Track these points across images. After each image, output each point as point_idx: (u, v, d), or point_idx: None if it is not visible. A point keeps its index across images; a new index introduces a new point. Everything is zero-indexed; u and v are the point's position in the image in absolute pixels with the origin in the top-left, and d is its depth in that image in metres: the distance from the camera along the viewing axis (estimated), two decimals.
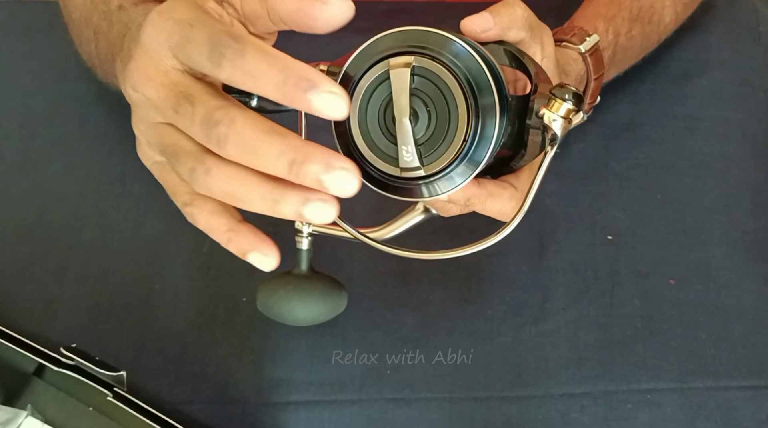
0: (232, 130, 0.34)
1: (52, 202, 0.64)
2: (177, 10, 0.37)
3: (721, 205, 0.62)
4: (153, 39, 0.37)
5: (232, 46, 0.34)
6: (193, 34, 0.36)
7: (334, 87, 0.33)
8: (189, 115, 0.36)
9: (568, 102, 0.39)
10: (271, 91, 0.33)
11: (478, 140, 0.37)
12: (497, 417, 0.55)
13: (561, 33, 0.56)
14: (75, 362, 0.51)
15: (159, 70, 0.37)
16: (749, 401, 0.55)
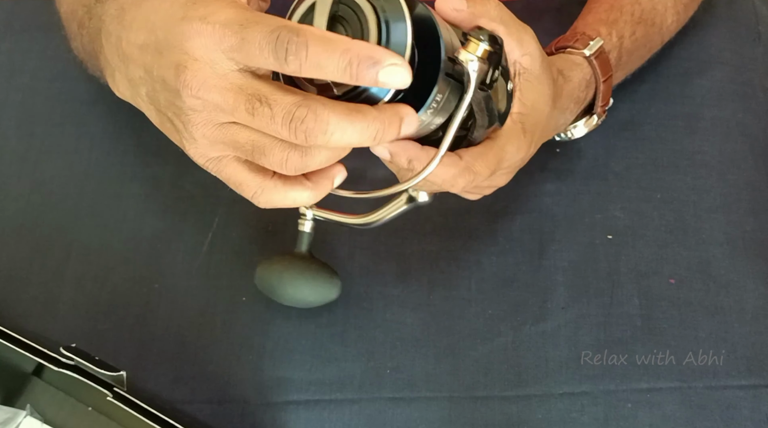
0: (318, 124, 0.36)
1: (52, 202, 0.64)
2: (218, 12, 0.38)
3: (721, 205, 0.62)
4: (202, 46, 0.38)
5: (294, 40, 0.35)
6: (249, 34, 0.36)
7: (395, 58, 0.35)
8: (267, 116, 0.37)
9: (484, 42, 0.41)
10: (338, 75, 0.36)
11: None
12: (497, 417, 0.55)
13: (564, 40, 0.57)
14: (75, 362, 0.51)
15: (217, 74, 0.38)
16: (749, 400, 0.55)
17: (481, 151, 0.47)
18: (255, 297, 0.59)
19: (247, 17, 0.37)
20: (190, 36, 0.38)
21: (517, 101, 0.48)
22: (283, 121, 0.37)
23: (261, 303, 0.59)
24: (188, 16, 0.38)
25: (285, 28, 0.36)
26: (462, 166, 0.46)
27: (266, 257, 0.55)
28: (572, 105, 0.56)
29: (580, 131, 0.60)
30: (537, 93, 0.48)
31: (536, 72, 0.48)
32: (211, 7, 0.38)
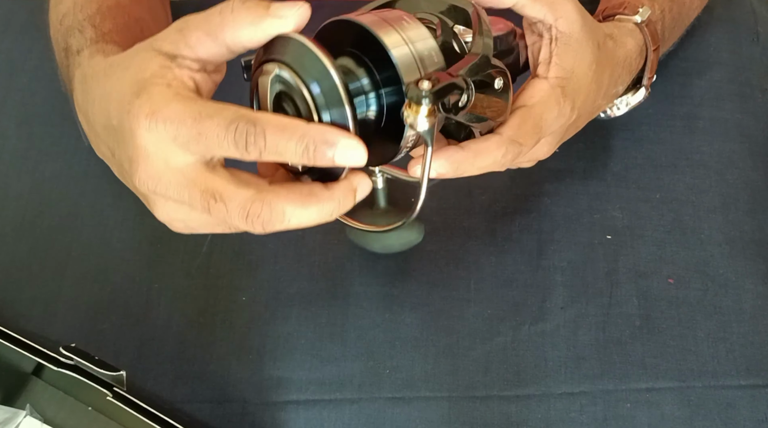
0: (274, 215, 0.37)
1: (51, 202, 0.64)
2: (166, 108, 0.38)
3: (720, 205, 0.62)
4: (153, 142, 0.38)
5: (252, 131, 0.36)
6: (205, 128, 0.37)
7: (350, 140, 0.36)
8: (223, 211, 0.38)
9: (425, 101, 0.37)
10: (296, 159, 0.37)
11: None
12: (496, 417, 0.55)
13: (610, 8, 0.55)
14: (74, 362, 0.51)
15: (170, 169, 0.38)
16: (748, 400, 0.55)
17: (520, 122, 0.45)
18: (255, 297, 0.59)
19: (199, 111, 0.37)
20: (140, 133, 0.38)
21: (555, 66, 0.47)
22: (239, 216, 0.37)
23: (261, 303, 0.59)
24: (134, 112, 0.38)
25: (242, 119, 0.36)
26: (504, 140, 0.45)
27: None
28: (625, 74, 0.55)
29: (623, 107, 0.59)
30: (577, 57, 0.47)
31: (576, 35, 0.47)
32: (158, 102, 0.38)
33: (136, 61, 0.40)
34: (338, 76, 0.37)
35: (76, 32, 0.53)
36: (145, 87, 0.39)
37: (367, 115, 0.41)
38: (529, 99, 0.47)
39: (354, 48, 0.41)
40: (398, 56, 0.40)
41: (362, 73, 0.40)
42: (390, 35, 0.40)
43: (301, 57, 0.38)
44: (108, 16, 0.54)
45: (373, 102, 0.40)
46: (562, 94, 0.47)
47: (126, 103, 0.39)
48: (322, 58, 0.37)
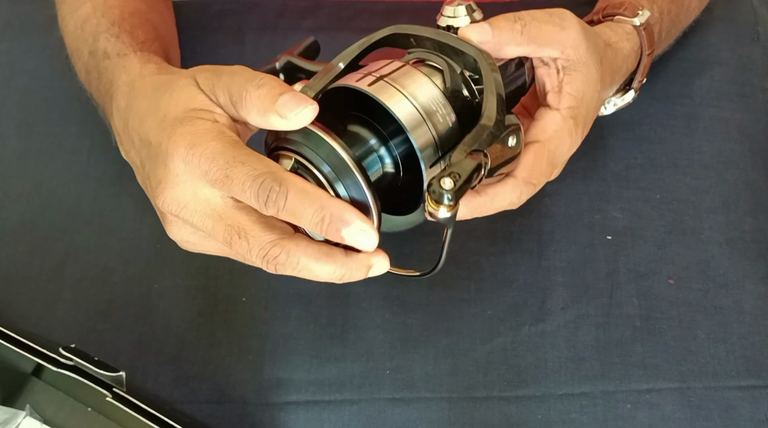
0: (289, 262, 0.39)
1: (51, 202, 0.64)
2: (205, 144, 0.39)
3: (720, 205, 0.62)
4: (186, 173, 0.39)
5: (275, 189, 0.37)
6: (234, 173, 0.38)
7: (364, 225, 0.38)
8: (245, 249, 0.40)
9: (447, 199, 0.39)
10: (310, 226, 0.38)
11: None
12: (496, 417, 0.55)
13: (611, 7, 0.55)
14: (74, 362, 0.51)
15: (198, 199, 0.40)
16: (748, 401, 0.55)
17: (533, 162, 0.46)
18: (255, 297, 0.59)
19: (234, 155, 0.38)
20: (175, 161, 0.39)
21: (566, 95, 0.47)
22: (258, 256, 0.39)
23: (261, 303, 0.59)
24: (175, 139, 0.40)
25: (270, 175, 0.38)
26: (519, 182, 0.46)
27: None
28: (621, 78, 0.55)
29: (611, 108, 0.59)
30: (585, 80, 0.47)
31: (582, 58, 0.47)
32: (200, 137, 0.39)
33: (186, 89, 0.42)
34: (343, 150, 0.39)
35: (109, 37, 0.54)
36: (191, 117, 0.40)
37: (385, 170, 0.42)
38: (542, 133, 0.47)
39: (355, 110, 0.42)
40: (398, 110, 0.41)
41: (367, 133, 0.42)
42: (384, 90, 0.41)
43: (307, 140, 0.39)
44: (136, 25, 0.56)
45: (386, 156, 0.42)
46: (574, 124, 0.47)
47: (169, 126, 0.40)
48: (325, 137, 0.39)
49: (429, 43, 0.44)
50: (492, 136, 0.41)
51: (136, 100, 0.46)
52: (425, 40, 0.44)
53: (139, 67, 0.50)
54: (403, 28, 0.44)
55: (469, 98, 0.43)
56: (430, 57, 0.44)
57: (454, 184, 0.39)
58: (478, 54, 0.43)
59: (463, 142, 0.41)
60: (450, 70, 0.43)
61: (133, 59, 0.51)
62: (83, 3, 0.58)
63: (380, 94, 0.41)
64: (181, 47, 0.67)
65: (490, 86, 0.42)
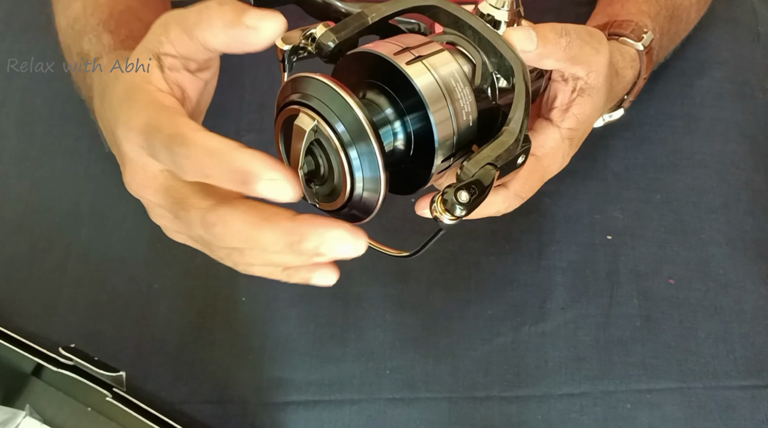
0: (228, 230, 0.36)
1: (51, 202, 0.64)
2: (133, 117, 0.38)
3: (720, 205, 0.62)
4: (130, 150, 0.38)
5: (180, 152, 0.35)
6: (153, 141, 0.37)
7: (275, 173, 0.33)
8: (187, 220, 0.37)
9: (459, 210, 0.38)
10: (224, 184, 0.35)
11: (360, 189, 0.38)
12: (496, 417, 0.55)
13: (617, 26, 0.55)
14: (74, 362, 0.51)
15: (148, 175, 0.39)
16: (748, 401, 0.55)
17: (527, 177, 0.46)
18: (255, 297, 0.59)
19: (152, 120, 0.37)
20: (120, 141, 0.39)
21: (572, 117, 0.47)
22: (200, 225, 0.37)
23: (261, 303, 0.59)
24: (120, 121, 0.39)
25: (177, 138, 0.35)
26: (511, 195, 0.46)
27: None
28: (613, 102, 0.56)
29: (600, 122, 0.59)
30: (593, 106, 0.47)
31: (599, 85, 0.47)
32: (133, 110, 0.38)
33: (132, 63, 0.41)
34: (362, 112, 0.36)
35: (92, 38, 0.54)
36: (133, 91, 0.39)
37: (396, 145, 0.40)
38: (539, 149, 0.47)
39: (376, 79, 0.40)
40: (422, 85, 0.39)
41: (385, 103, 0.40)
42: (411, 63, 0.39)
43: (324, 97, 0.37)
44: (122, 23, 0.55)
45: (400, 131, 0.40)
46: (569, 145, 0.47)
47: (116, 109, 0.40)
48: (345, 96, 0.36)
49: (470, 31, 0.42)
50: (510, 152, 0.40)
51: (105, 96, 0.45)
52: (467, 27, 0.42)
53: (107, 66, 0.49)
54: (450, 6, 0.42)
55: (490, 98, 0.43)
56: (467, 47, 0.42)
57: (470, 197, 0.37)
58: (518, 65, 0.41)
59: (482, 151, 0.39)
60: (483, 67, 0.42)
61: (104, 61, 0.50)
62: (75, 1, 0.57)
63: (407, 66, 0.39)
64: None
65: (520, 101, 0.41)
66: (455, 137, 0.40)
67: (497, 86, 0.42)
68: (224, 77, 0.43)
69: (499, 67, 0.42)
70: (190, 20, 0.38)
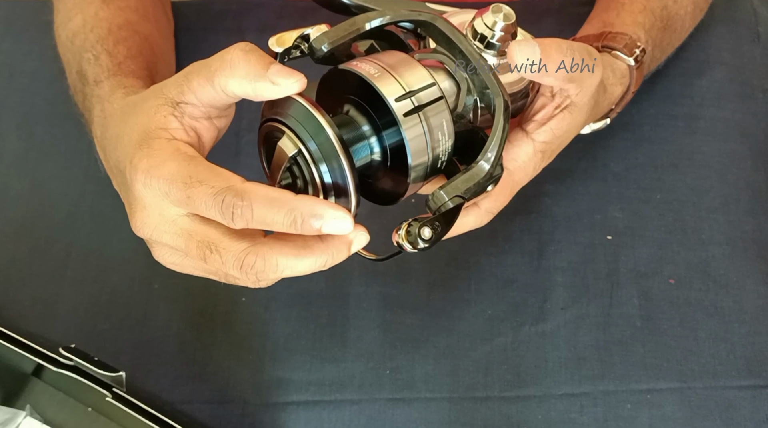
0: (268, 267, 0.38)
1: (51, 202, 0.64)
2: (161, 166, 0.39)
3: (721, 205, 0.62)
4: (148, 196, 0.39)
5: (238, 204, 0.37)
6: (194, 194, 0.37)
7: (337, 212, 0.37)
8: (219, 262, 0.39)
9: (420, 244, 0.40)
10: (285, 229, 0.37)
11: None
12: (496, 417, 0.55)
13: (610, 39, 0.55)
14: (74, 362, 0.51)
15: (165, 220, 0.40)
16: (748, 400, 0.55)
17: (498, 193, 0.46)
18: (255, 298, 0.59)
19: (191, 174, 0.38)
20: (136, 186, 0.39)
21: (548, 131, 0.47)
22: (233, 267, 0.38)
23: (261, 303, 0.59)
24: (134, 164, 0.39)
25: (229, 191, 0.37)
26: (482, 213, 0.47)
27: None
28: (598, 116, 0.56)
29: (586, 130, 0.59)
30: (572, 122, 0.48)
31: (584, 104, 0.47)
32: (155, 158, 0.39)
33: (145, 108, 0.41)
34: (332, 130, 0.38)
35: (91, 58, 0.54)
36: (148, 139, 0.40)
37: (373, 158, 0.42)
38: (512, 162, 0.47)
39: (355, 95, 0.42)
40: (394, 101, 0.40)
41: (363, 120, 0.41)
42: (385, 80, 0.40)
43: (300, 116, 0.39)
44: (120, 39, 0.55)
45: (376, 145, 0.41)
46: (542, 158, 0.48)
47: (130, 152, 0.40)
48: (316, 115, 0.38)
49: (460, 55, 0.43)
50: (479, 185, 0.41)
51: (108, 128, 0.46)
52: (458, 50, 0.43)
53: (108, 93, 0.50)
54: (444, 26, 0.43)
55: (470, 122, 0.44)
56: (453, 69, 0.43)
57: (432, 234, 0.39)
58: (500, 102, 0.42)
59: (454, 183, 0.41)
60: (467, 92, 0.43)
61: (105, 87, 0.51)
62: (75, 15, 0.58)
63: (381, 83, 0.40)
64: (181, 48, 0.67)
65: (498, 136, 0.42)
66: (429, 150, 0.41)
67: (479, 105, 0.43)
68: None
69: (482, 96, 0.43)
70: (212, 68, 0.39)
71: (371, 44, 0.45)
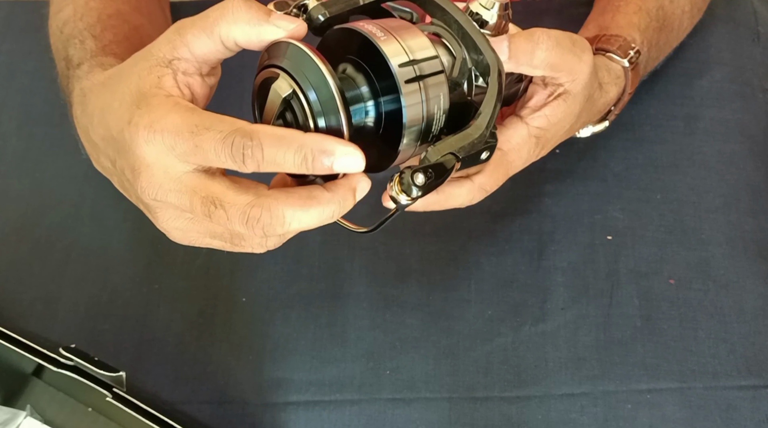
0: (274, 219, 0.38)
1: (52, 202, 0.64)
2: (163, 119, 0.38)
3: (721, 205, 0.62)
4: (153, 153, 0.38)
5: (248, 144, 0.36)
6: (202, 142, 0.37)
7: (347, 147, 0.37)
8: (224, 217, 0.38)
9: (415, 191, 0.39)
10: (295, 169, 0.37)
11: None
12: (496, 418, 0.55)
13: (605, 41, 0.55)
14: (74, 362, 0.51)
15: (170, 177, 0.39)
16: (748, 400, 0.55)
17: (492, 170, 0.47)
18: (255, 298, 0.59)
19: (196, 122, 0.37)
20: (139, 143, 0.39)
21: (542, 117, 0.48)
22: (239, 221, 0.38)
23: (261, 303, 0.59)
24: (134, 122, 0.39)
25: (238, 133, 0.37)
26: (476, 187, 0.47)
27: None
28: (595, 117, 0.56)
29: (586, 132, 0.59)
30: (567, 110, 0.48)
31: (578, 92, 0.48)
32: (156, 113, 0.38)
33: (135, 71, 0.41)
34: (335, 84, 0.37)
35: (77, 42, 0.54)
36: (145, 97, 0.39)
37: (366, 122, 0.41)
38: (506, 143, 0.47)
39: (356, 56, 0.41)
40: (397, 66, 0.40)
41: (362, 81, 0.41)
42: (391, 45, 0.40)
43: (301, 64, 0.38)
44: (108, 26, 0.55)
45: (372, 110, 0.41)
46: (536, 144, 0.48)
47: (126, 113, 0.39)
48: (320, 66, 0.38)
49: (455, 25, 0.43)
50: (473, 146, 0.41)
51: (89, 103, 0.45)
52: (453, 21, 0.43)
53: (86, 73, 0.49)
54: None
55: (465, 93, 0.44)
56: (450, 40, 0.43)
57: (426, 180, 0.39)
58: (494, 63, 0.42)
59: (446, 140, 0.41)
60: (462, 62, 0.43)
61: (84, 67, 0.50)
62: (66, 5, 0.57)
63: (379, 38, 0.40)
64: None
65: (491, 97, 0.42)
66: (424, 121, 0.41)
67: (474, 83, 0.43)
68: (224, 76, 0.44)
69: (477, 64, 0.43)
70: (210, 18, 0.39)
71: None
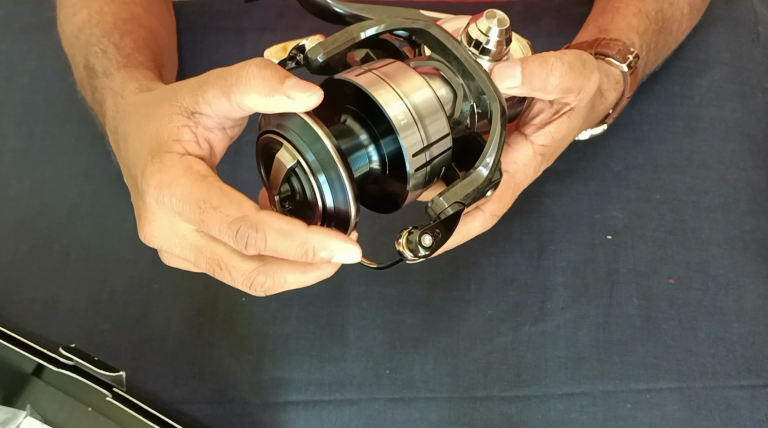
0: (276, 284, 0.40)
1: (51, 202, 0.64)
2: (175, 183, 0.39)
3: (720, 205, 0.62)
4: (159, 211, 0.40)
5: (252, 236, 0.38)
6: (208, 220, 0.38)
7: (346, 244, 0.39)
8: (228, 279, 0.40)
9: (421, 252, 0.40)
10: (296, 259, 0.39)
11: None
12: (496, 417, 0.55)
13: (604, 45, 0.55)
14: (74, 362, 0.51)
15: (176, 234, 0.40)
16: (748, 400, 0.55)
17: (500, 196, 0.47)
18: (255, 298, 0.59)
19: (204, 198, 0.38)
20: (148, 199, 0.40)
21: (547, 135, 0.48)
22: (243, 284, 0.40)
23: (261, 303, 0.59)
24: (147, 176, 0.39)
25: (244, 221, 0.38)
26: (488, 217, 0.47)
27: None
28: (594, 122, 0.57)
29: (585, 135, 0.59)
30: (571, 126, 0.48)
31: (582, 108, 0.48)
32: (167, 174, 0.39)
33: (159, 113, 0.41)
34: (330, 142, 0.38)
35: (98, 51, 0.54)
36: (160, 151, 0.40)
37: (372, 167, 0.42)
38: (512, 164, 0.48)
39: (353, 105, 0.42)
40: (392, 112, 0.40)
41: (361, 129, 0.42)
42: (384, 92, 0.41)
43: (304, 135, 0.39)
44: (125, 32, 0.55)
45: (375, 154, 0.42)
46: (542, 160, 0.48)
47: (142, 160, 0.40)
48: (314, 126, 0.38)
49: (455, 61, 0.43)
50: (479, 191, 0.42)
51: (122, 123, 0.46)
52: (453, 56, 0.43)
53: (120, 87, 0.50)
54: (439, 33, 0.43)
55: (468, 128, 0.44)
56: (449, 74, 0.43)
57: (433, 241, 0.40)
58: (497, 107, 0.42)
59: (453, 190, 0.41)
60: (463, 98, 0.43)
61: (116, 79, 0.51)
62: (80, 9, 0.58)
63: (371, 86, 0.40)
64: (182, 47, 0.67)
65: (495, 142, 0.42)
66: (428, 160, 0.41)
67: (476, 111, 0.43)
68: None
69: (478, 101, 0.43)
70: (228, 81, 0.39)
71: (366, 53, 0.45)
